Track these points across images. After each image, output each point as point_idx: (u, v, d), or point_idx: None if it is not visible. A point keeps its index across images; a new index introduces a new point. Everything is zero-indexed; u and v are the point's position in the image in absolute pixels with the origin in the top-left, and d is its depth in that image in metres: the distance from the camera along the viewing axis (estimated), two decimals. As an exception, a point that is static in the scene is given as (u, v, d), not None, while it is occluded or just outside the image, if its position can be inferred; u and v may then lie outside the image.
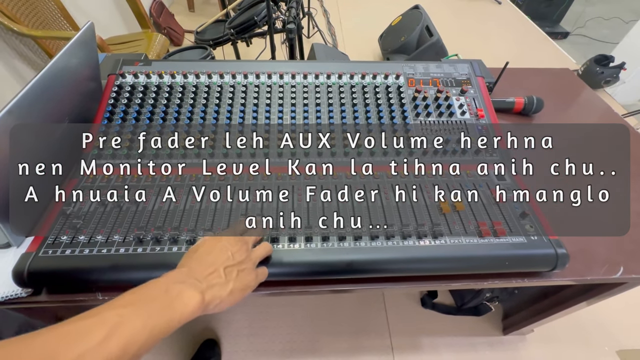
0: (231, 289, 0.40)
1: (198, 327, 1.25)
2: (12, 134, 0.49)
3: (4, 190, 0.50)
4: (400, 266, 0.55)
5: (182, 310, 0.35)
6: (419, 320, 1.30)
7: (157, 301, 0.34)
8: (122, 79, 0.75)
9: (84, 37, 0.64)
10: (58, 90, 0.61)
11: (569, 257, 0.55)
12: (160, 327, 0.33)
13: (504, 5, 3.54)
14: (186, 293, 0.36)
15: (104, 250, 0.53)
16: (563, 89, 1.04)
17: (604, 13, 3.57)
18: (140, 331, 0.31)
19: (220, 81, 0.77)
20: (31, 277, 0.50)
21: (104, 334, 0.29)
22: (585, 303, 0.93)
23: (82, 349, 0.27)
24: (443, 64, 0.84)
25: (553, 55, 2.91)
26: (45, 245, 0.53)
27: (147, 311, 0.33)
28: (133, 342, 0.30)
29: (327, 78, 0.80)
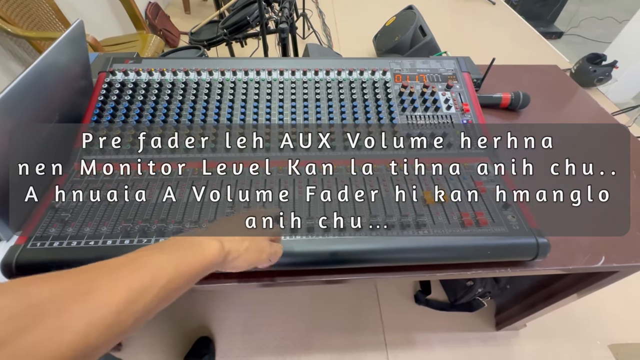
0: (247, 247, 0.43)
1: (192, 325, 1.25)
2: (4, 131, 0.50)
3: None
4: (384, 256, 0.56)
5: (204, 254, 0.37)
6: (413, 317, 1.31)
7: (180, 245, 0.37)
8: (112, 76, 0.76)
9: (73, 34, 0.65)
10: (47, 86, 0.61)
11: (549, 246, 0.56)
12: (185, 265, 0.35)
13: (498, 5, 3.56)
14: (206, 241, 0.39)
15: (91, 243, 0.53)
16: (551, 85, 1.06)
17: (598, 13, 3.60)
18: (166, 265, 0.33)
19: (209, 78, 0.78)
20: (19, 269, 0.51)
21: (133, 266, 0.31)
22: (575, 295, 0.94)
23: (116, 276, 0.29)
24: (430, 60, 0.85)
25: (547, 54, 2.93)
26: (33, 237, 0.53)
27: (172, 251, 0.35)
28: (160, 275, 0.32)
29: (315, 74, 0.81)
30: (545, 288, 1.03)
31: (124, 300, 0.28)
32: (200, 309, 1.29)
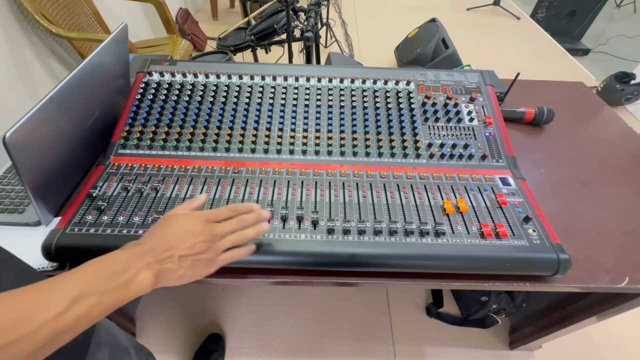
0: (181, 275, 0.43)
1: (204, 321, 1.28)
2: (45, 121, 0.54)
3: (39, 173, 0.55)
4: (401, 262, 0.57)
5: (135, 290, 0.38)
6: (424, 329, 1.29)
7: (114, 279, 0.37)
8: (149, 77, 0.81)
9: (118, 37, 0.70)
10: (92, 84, 0.66)
11: (570, 263, 0.56)
12: (112, 303, 0.37)
13: (522, 20, 3.53)
14: (141, 275, 0.39)
15: (124, 231, 0.57)
16: (576, 102, 1.04)
17: (627, 31, 3.51)
18: (96, 306, 0.35)
19: (239, 82, 0.82)
20: (58, 251, 0.55)
21: (64, 305, 0.33)
22: (595, 318, 0.91)
23: (46, 318, 0.31)
24: (454, 72, 0.86)
25: (572, 71, 2.87)
26: (72, 223, 0.57)
27: (104, 288, 0.36)
28: (87, 315, 0.34)
29: (340, 82, 0.83)
30: (564, 308, 1.00)
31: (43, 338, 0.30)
32: (212, 306, 1.32)
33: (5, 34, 1.39)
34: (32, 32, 1.53)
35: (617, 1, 4.01)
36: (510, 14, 3.56)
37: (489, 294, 1.16)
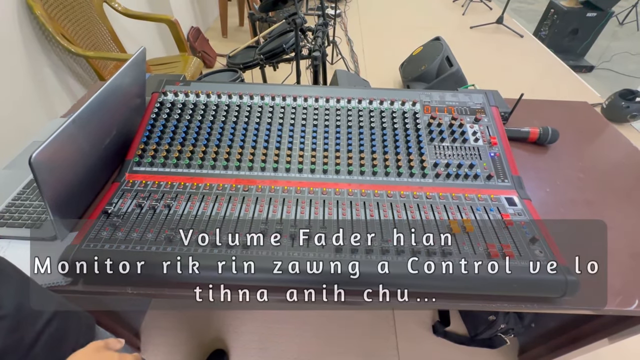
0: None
1: (209, 336, 1.27)
2: (67, 141, 0.57)
3: (59, 191, 0.57)
4: (407, 282, 0.57)
5: None
6: (430, 348, 1.27)
7: None
8: (164, 97, 0.84)
9: (137, 60, 0.74)
10: (112, 104, 0.69)
11: (579, 284, 0.56)
12: None
13: (525, 38, 3.59)
14: None
15: (137, 247, 0.58)
16: (580, 122, 1.06)
17: (631, 48, 3.54)
18: None
19: (250, 102, 0.85)
20: (74, 266, 0.56)
21: None
22: (607, 340, 0.89)
23: None
24: (458, 93, 0.88)
25: (576, 88, 2.89)
26: (87, 239, 0.59)
27: None
28: None
29: (348, 102, 0.86)
30: (574, 329, 0.98)
31: None
32: (217, 322, 1.31)
33: (27, 52, 1.46)
34: (51, 51, 1.60)
35: (620, 19, 4.06)
36: (514, 32, 3.62)
37: (496, 313, 1.14)
